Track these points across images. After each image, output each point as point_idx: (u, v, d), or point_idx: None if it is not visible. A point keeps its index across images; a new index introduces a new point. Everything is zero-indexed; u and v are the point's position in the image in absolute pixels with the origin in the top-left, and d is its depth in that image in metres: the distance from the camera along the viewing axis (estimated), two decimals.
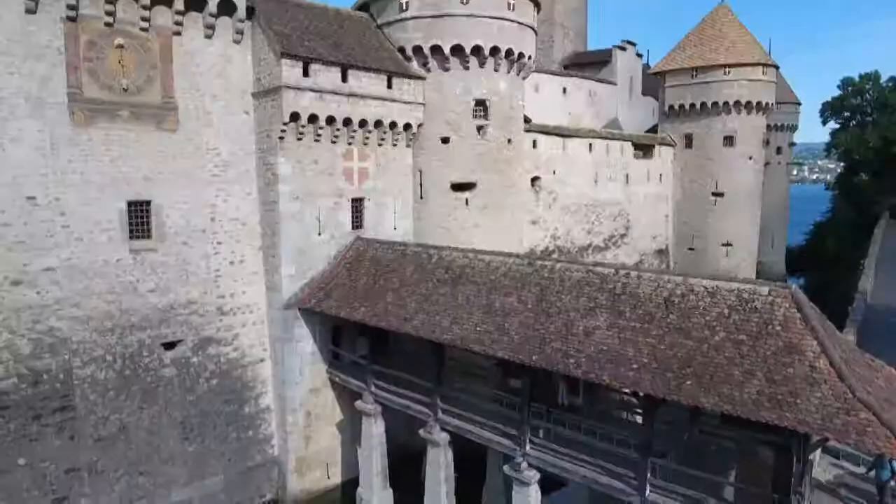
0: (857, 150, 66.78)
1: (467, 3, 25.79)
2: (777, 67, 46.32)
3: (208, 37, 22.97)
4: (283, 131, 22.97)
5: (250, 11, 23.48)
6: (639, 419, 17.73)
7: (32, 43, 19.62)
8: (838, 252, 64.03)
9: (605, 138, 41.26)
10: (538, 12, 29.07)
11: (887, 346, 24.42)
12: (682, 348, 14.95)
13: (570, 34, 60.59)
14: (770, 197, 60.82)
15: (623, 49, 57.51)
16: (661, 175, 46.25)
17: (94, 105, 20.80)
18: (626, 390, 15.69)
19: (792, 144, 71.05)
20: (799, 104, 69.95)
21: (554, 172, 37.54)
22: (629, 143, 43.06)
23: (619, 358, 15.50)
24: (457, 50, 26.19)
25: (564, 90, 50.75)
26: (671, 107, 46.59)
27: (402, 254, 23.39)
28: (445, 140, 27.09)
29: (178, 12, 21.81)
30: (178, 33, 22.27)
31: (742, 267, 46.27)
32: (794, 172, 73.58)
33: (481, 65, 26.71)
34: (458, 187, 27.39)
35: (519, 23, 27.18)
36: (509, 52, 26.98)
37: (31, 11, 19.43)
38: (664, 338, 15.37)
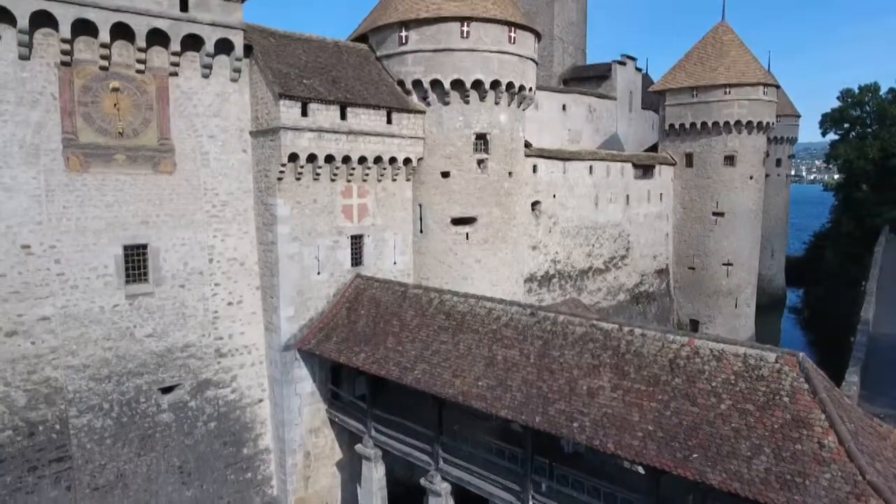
0: (856, 162, 66.72)
1: (468, 37, 25.51)
2: (777, 87, 46.09)
3: (205, 76, 22.65)
4: (281, 172, 22.67)
5: (247, 49, 23.18)
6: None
7: (26, 89, 19.30)
8: (838, 266, 63.99)
9: (606, 160, 41.03)
10: (538, 41, 28.80)
11: (893, 386, 24.35)
12: (687, 416, 14.74)
13: (570, 48, 60.32)
14: (770, 209, 60.76)
15: (623, 64, 57.26)
16: (661, 194, 46.05)
17: (90, 150, 20.49)
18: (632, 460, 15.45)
19: (791, 156, 70.91)
20: (798, 116, 69.79)
21: (554, 196, 37.34)
22: (629, 164, 42.82)
23: (624, 423, 15.28)
24: (457, 84, 25.92)
25: (564, 107, 50.49)
26: (671, 125, 46.37)
27: (402, 295, 23.14)
28: (446, 174, 26.82)
29: (174, 53, 21.50)
30: (175, 74, 21.96)
31: (742, 287, 46.17)
32: (792, 172, 73.26)
33: (482, 98, 26.44)
34: (459, 221, 27.13)
35: (520, 55, 26.90)
36: (510, 86, 26.71)
37: (24, 58, 19.11)
38: (669, 403, 15.16)
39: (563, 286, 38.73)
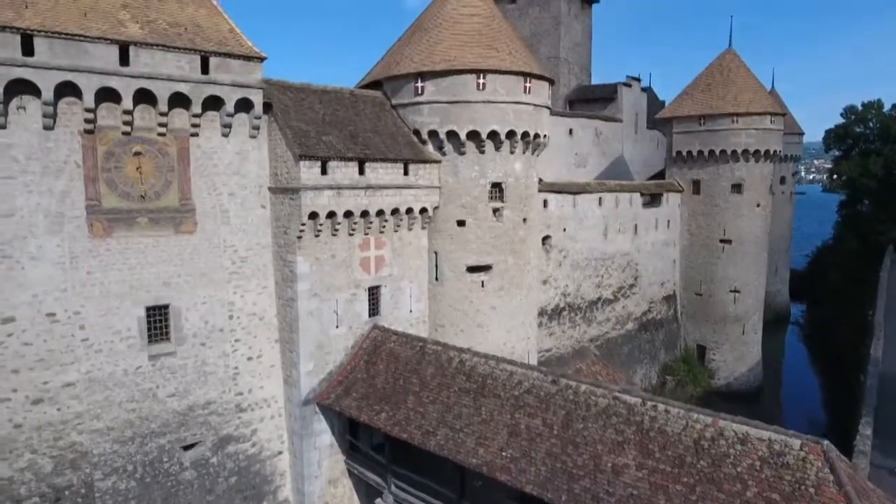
0: (859, 179, 66.98)
1: (483, 89, 25.66)
2: (784, 115, 46.30)
3: (225, 135, 22.79)
4: (301, 230, 22.82)
5: (267, 106, 23.31)
6: None
7: (51, 159, 19.43)
8: (841, 284, 64.33)
9: (615, 191, 41.22)
10: (552, 87, 28.96)
11: None
12: (714, 502, 14.96)
13: (575, 68, 60.50)
14: (774, 226, 60.92)
15: (628, 86, 57.52)
16: (668, 221, 46.27)
17: (113, 215, 20.64)
18: None
19: (795, 174, 71.17)
20: (802, 134, 70.04)
21: (564, 230, 37.54)
22: (638, 194, 43.00)
23: None
24: (473, 135, 26.06)
25: (571, 131, 50.76)
26: (679, 152, 46.55)
27: (420, 351, 23.32)
28: (461, 223, 26.98)
29: (195, 115, 21.64)
30: (196, 134, 22.09)
31: (750, 313, 46.44)
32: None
33: (497, 148, 26.61)
34: (475, 269, 27.30)
35: (535, 105, 27.07)
36: (525, 135, 26.87)
37: (48, 128, 19.25)
38: (695, 487, 15.37)
39: (574, 318, 38.96)
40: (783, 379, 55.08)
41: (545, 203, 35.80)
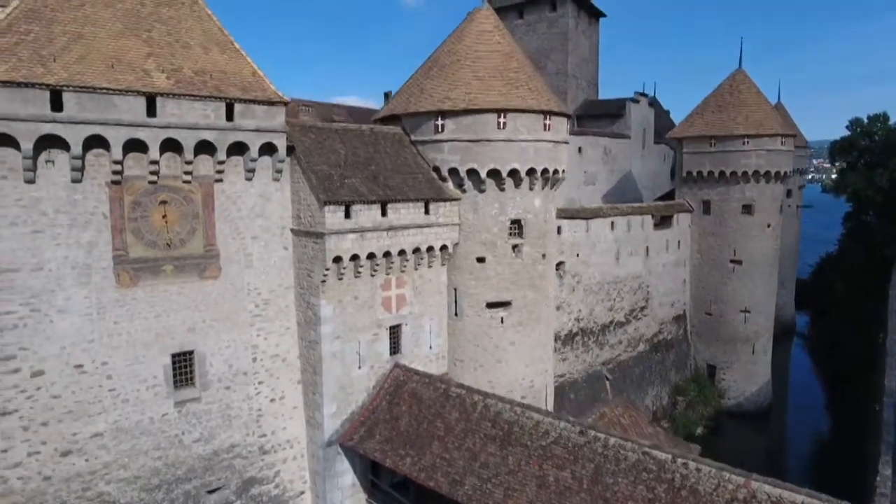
0: (865, 192, 67.10)
1: (504, 128, 25.69)
2: (794, 136, 46.39)
3: (248, 179, 22.80)
4: (325, 275, 22.84)
5: (289, 149, 23.31)
6: None
7: (78, 211, 19.45)
8: (847, 297, 64.47)
9: (627, 213, 41.28)
10: (569, 121, 28.99)
11: None
12: None
13: (582, 83, 60.54)
14: (781, 239, 61.08)
15: (636, 101, 57.54)
16: (679, 242, 46.35)
17: (139, 264, 20.66)
18: None
19: (802, 187, 71.27)
20: (808, 148, 70.15)
21: (577, 255, 37.61)
22: (649, 216, 43.05)
23: None
24: (493, 173, 26.08)
25: (580, 150, 50.79)
26: (689, 172, 46.61)
27: (444, 394, 23.38)
28: (481, 259, 27.02)
29: (219, 161, 21.64)
30: (220, 180, 22.11)
31: (760, 333, 46.58)
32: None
33: (517, 185, 26.63)
34: (494, 305, 27.35)
35: (554, 141, 27.11)
36: (545, 171, 26.91)
37: (76, 181, 19.26)
38: None
39: (586, 343, 39.05)
40: (790, 395, 55.19)
41: (559, 229, 35.78)
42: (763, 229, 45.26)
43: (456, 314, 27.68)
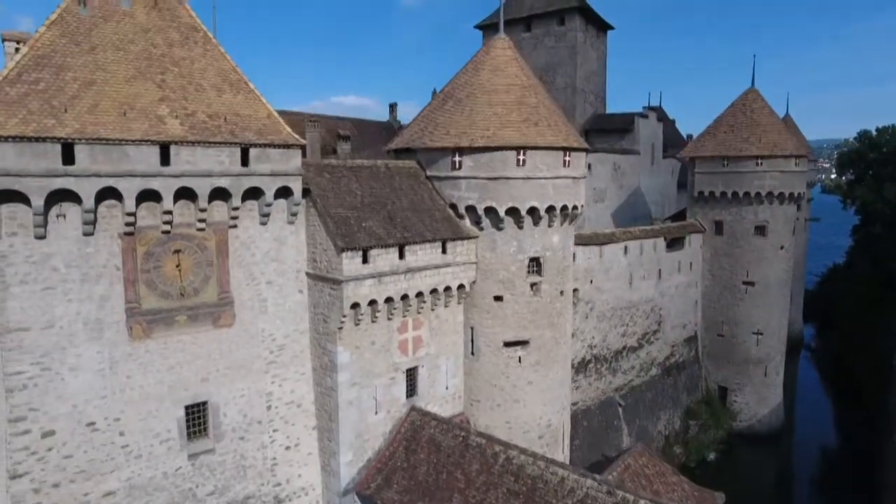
0: (873, 205, 66.68)
1: (524, 165, 25.08)
2: (807, 157, 45.80)
3: (263, 223, 22.18)
4: (342, 321, 22.25)
5: (305, 191, 22.68)
6: None
7: (90, 265, 18.83)
8: (854, 309, 64.12)
9: (640, 237, 40.70)
10: (588, 155, 28.40)
11: None
12: None
13: (590, 97, 59.95)
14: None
15: (645, 117, 57.04)
16: (690, 263, 45.79)
17: (152, 315, 20.03)
18: None
19: (810, 200, 70.74)
20: (816, 160, 69.63)
21: (591, 282, 37.05)
22: (661, 238, 42.47)
23: None
24: (512, 211, 25.48)
25: (589, 166, 49.99)
26: (701, 192, 46.01)
27: (463, 443, 22.81)
28: (499, 298, 26.42)
29: (234, 208, 21.02)
30: (234, 226, 21.49)
31: (772, 355, 46.08)
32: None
33: (535, 223, 26.03)
34: (511, 344, 26.77)
35: (574, 177, 26.53)
36: (564, 208, 26.33)
37: (88, 234, 18.64)
38: None
39: (599, 370, 38.52)
40: (800, 412, 54.71)
41: (573, 256, 35.24)
42: (776, 251, 44.70)
43: (472, 353, 27.10)
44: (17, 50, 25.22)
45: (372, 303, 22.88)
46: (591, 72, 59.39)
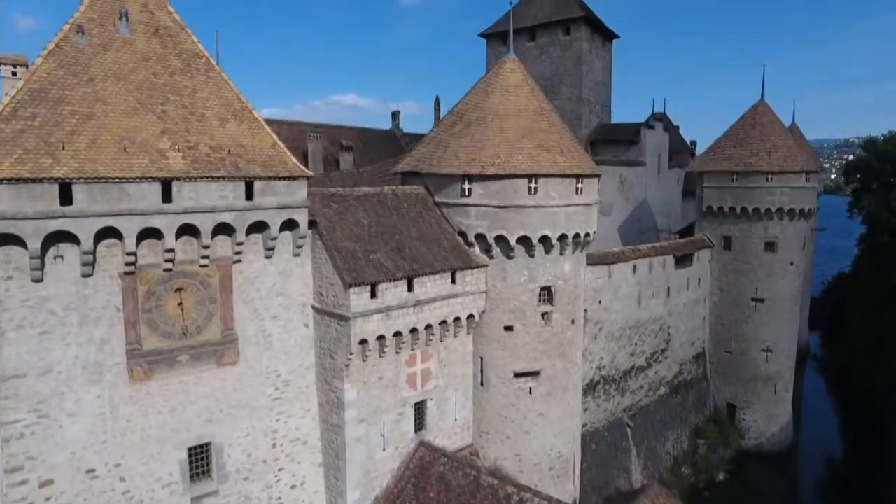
0: (880, 214, 65.97)
1: (535, 193, 24.37)
2: (818, 172, 45.14)
3: (268, 257, 21.47)
4: (349, 358, 21.54)
5: (311, 222, 21.96)
6: None
7: (89, 307, 18.12)
8: (861, 320, 63.56)
9: (649, 255, 39.98)
10: (599, 180, 27.72)
11: None
12: None
13: (596, 107, 59.21)
14: None
15: (651, 127, 56.33)
16: (699, 279, 45.12)
17: (153, 356, 19.31)
18: None
19: (816, 209, 70.07)
20: (820, 172, 68.94)
21: (600, 303, 36.37)
22: (670, 256, 41.78)
23: None
24: (523, 239, 24.78)
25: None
26: (709, 207, 45.33)
27: (474, 483, 22.11)
28: (509, 328, 25.73)
29: (238, 242, 20.29)
30: (238, 261, 20.77)
31: (782, 372, 45.46)
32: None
33: (547, 251, 25.33)
34: (522, 375, 26.08)
35: (586, 204, 25.83)
36: (576, 236, 25.62)
37: (87, 275, 17.91)
38: None
39: (608, 391, 37.86)
40: (807, 425, 54.08)
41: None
42: (786, 267, 44.03)
43: (482, 384, 26.41)
44: (14, 74, 24.57)
45: (380, 338, 22.17)
46: (596, 81, 58.64)
